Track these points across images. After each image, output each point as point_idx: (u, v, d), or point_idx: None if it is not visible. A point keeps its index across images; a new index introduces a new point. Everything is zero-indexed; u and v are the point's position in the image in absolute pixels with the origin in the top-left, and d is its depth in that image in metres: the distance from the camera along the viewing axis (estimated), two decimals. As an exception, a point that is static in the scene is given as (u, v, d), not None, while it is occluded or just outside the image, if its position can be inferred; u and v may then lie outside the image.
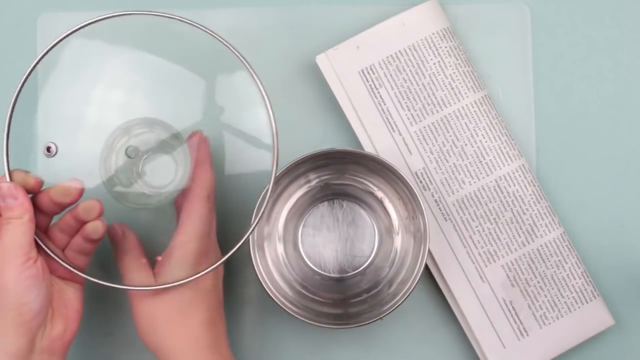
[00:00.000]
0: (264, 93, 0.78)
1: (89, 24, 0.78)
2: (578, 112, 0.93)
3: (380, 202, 0.89)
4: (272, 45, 0.93)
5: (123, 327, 0.91)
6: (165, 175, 0.86)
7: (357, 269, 0.89)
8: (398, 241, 0.89)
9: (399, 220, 0.89)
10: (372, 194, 0.90)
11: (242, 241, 0.78)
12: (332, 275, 0.89)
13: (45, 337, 0.76)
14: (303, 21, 0.93)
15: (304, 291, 0.88)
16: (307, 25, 0.93)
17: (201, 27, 0.78)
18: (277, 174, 0.82)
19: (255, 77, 0.78)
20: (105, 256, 0.84)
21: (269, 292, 0.82)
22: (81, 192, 0.78)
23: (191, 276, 0.78)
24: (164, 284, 0.78)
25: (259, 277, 0.83)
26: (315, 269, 0.89)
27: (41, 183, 0.78)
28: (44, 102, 0.85)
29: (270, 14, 0.93)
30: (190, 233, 0.79)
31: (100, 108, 0.85)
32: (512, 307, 0.88)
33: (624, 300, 0.92)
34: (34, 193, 0.77)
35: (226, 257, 0.78)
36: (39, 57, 0.78)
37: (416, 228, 0.86)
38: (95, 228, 0.79)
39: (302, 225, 0.90)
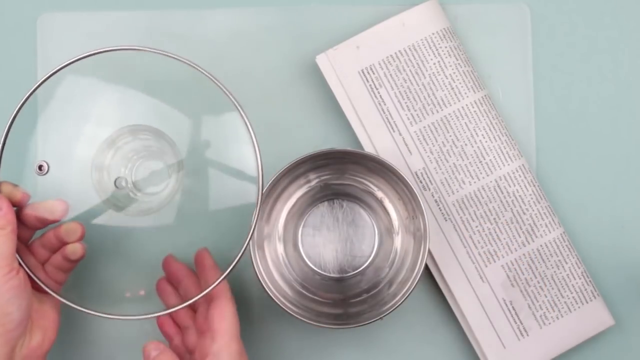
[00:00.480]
0: (251, 131, 0.77)
1: (95, 54, 0.78)
2: (578, 112, 0.93)
3: (380, 202, 0.89)
4: (272, 45, 0.93)
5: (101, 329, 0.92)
6: (158, 181, 0.86)
7: (357, 269, 0.89)
8: (398, 241, 0.89)
9: (399, 220, 0.89)
10: (372, 194, 0.89)
11: (233, 264, 0.77)
12: (332, 275, 0.89)
13: (25, 347, 0.77)
14: (303, 21, 0.93)
15: (304, 291, 0.88)
16: (307, 25, 0.93)
17: (197, 66, 0.78)
18: (277, 175, 0.83)
19: (244, 116, 0.77)
20: (82, 277, 0.86)
21: (269, 292, 0.82)
22: (65, 212, 0.80)
23: None
24: (149, 314, 0.79)
25: (259, 277, 0.83)
26: (315, 269, 0.89)
27: (28, 197, 0.78)
28: (41, 123, 0.85)
29: (270, 14, 0.93)
30: (230, 333, 0.79)
31: (89, 140, 0.85)
32: (512, 307, 0.88)
33: (624, 300, 0.92)
34: (20, 206, 0.78)
35: (220, 280, 0.78)
36: (38, 83, 0.79)
37: (416, 228, 0.86)
38: (74, 250, 0.80)
39: (302, 225, 0.90)
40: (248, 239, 0.77)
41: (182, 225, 0.85)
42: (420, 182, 0.89)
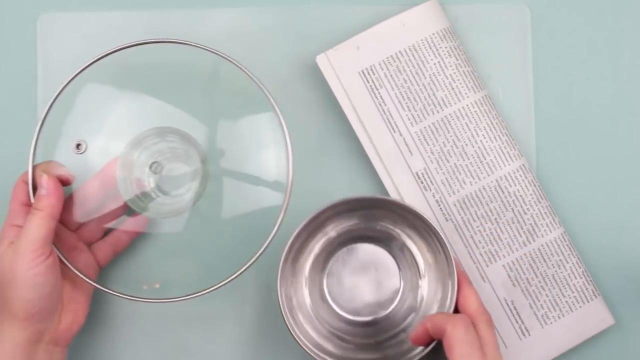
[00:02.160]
0: (286, 133, 0.81)
1: (113, 51, 0.81)
2: (578, 112, 0.93)
3: (398, 237, 0.89)
4: (272, 46, 0.92)
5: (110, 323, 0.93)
6: (180, 183, 0.87)
7: (389, 308, 0.89)
8: (425, 281, 0.89)
9: (421, 255, 0.89)
10: (388, 232, 0.89)
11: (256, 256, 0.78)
12: (366, 318, 0.89)
13: (54, 329, 0.79)
14: (303, 21, 0.93)
15: (342, 342, 0.88)
16: (307, 26, 0.93)
17: (226, 56, 0.81)
18: (296, 233, 0.83)
19: (281, 118, 0.81)
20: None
21: (311, 353, 0.83)
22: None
23: None
24: (176, 298, 0.81)
25: (298, 341, 0.83)
26: (348, 316, 0.89)
27: (73, 179, 0.82)
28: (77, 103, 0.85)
29: (270, 14, 0.93)
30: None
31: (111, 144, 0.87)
32: (514, 306, 0.88)
33: (624, 299, 0.92)
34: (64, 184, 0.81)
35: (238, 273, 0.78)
36: (82, 68, 0.82)
37: (437, 259, 0.86)
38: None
39: (325, 276, 0.90)
40: (274, 233, 0.78)
41: (200, 228, 0.86)
42: (421, 182, 0.88)
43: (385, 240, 0.90)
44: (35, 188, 0.79)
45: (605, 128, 0.93)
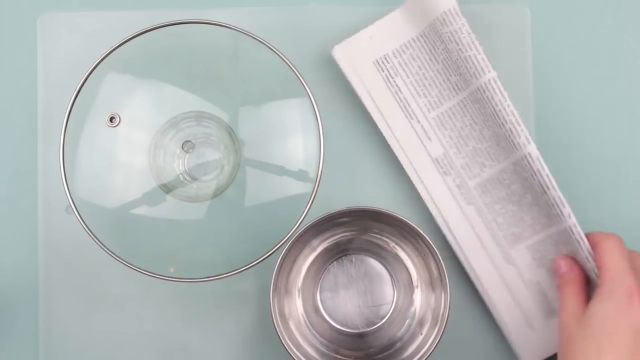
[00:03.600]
0: (318, 118, 0.81)
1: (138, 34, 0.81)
2: (578, 112, 0.94)
3: (388, 246, 0.90)
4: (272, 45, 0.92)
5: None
6: (209, 170, 0.87)
7: (383, 319, 0.89)
8: (418, 292, 0.89)
9: (414, 265, 0.89)
10: (382, 244, 0.90)
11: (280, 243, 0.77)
12: (363, 330, 0.89)
13: None
14: (303, 21, 0.93)
15: (336, 354, 0.88)
16: (307, 26, 0.93)
17: (266, 43, 0.81)
18: (287, 248, 0.82)
19: (313, 102, 0.81)
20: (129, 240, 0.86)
21: None
22: None
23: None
24: (198, 278, 0.80)
25: (291, 354, 0.82)
26: (344, 329, 0.89)
27: None
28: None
29: (271, 14, 0.93)
30: (614, 268, 0.80)
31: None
32: (540, 287, 0.88)
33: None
34: None
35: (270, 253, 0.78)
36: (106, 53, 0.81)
37: (429, 268, 0.86)
38: None
39: (318, 291, 0.90)
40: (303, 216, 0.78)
41: (223, 215, 0.86)
42: (441, 167, 0.88)
43: (378, 251, 0.90)
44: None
45: (605, 128, 0.94)
